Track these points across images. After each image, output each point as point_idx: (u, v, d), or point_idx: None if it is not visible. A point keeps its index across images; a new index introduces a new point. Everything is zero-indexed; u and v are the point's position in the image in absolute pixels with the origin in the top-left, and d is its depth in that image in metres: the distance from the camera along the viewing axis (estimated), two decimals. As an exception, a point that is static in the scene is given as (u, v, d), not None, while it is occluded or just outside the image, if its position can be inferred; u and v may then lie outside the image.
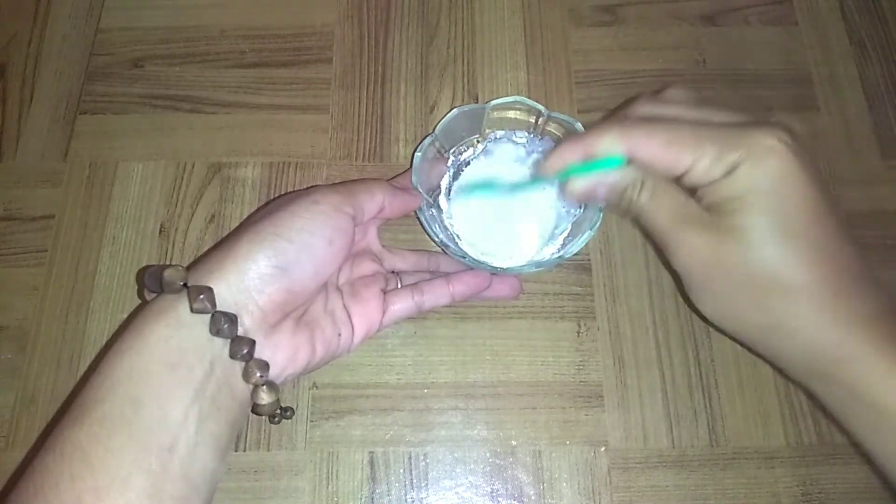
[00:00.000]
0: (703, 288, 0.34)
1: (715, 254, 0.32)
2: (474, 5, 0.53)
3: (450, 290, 0.40)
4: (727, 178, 0.31)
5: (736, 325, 0.34)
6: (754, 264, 0.31)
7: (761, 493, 0.40)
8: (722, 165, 0.31)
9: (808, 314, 0.31)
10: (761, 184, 0.30)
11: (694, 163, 0.31)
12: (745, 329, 0.34)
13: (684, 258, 0.33)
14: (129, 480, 0.27)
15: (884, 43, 0.52)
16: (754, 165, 0.30)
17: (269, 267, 0.32)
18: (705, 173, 0.31)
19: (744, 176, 0.30)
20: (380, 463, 0.41)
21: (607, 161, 0.34)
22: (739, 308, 0.33)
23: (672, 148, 0.32)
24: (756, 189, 0.30)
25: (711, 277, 0.33)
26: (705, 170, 0.31)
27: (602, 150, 0.34)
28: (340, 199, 0.36)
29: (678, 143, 0.32)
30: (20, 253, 0.45)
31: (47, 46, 0.51)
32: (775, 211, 0.30)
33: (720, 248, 0.31)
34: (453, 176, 0.45)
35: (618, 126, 0.33)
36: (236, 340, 0.31)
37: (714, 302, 0.34)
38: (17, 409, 0.41)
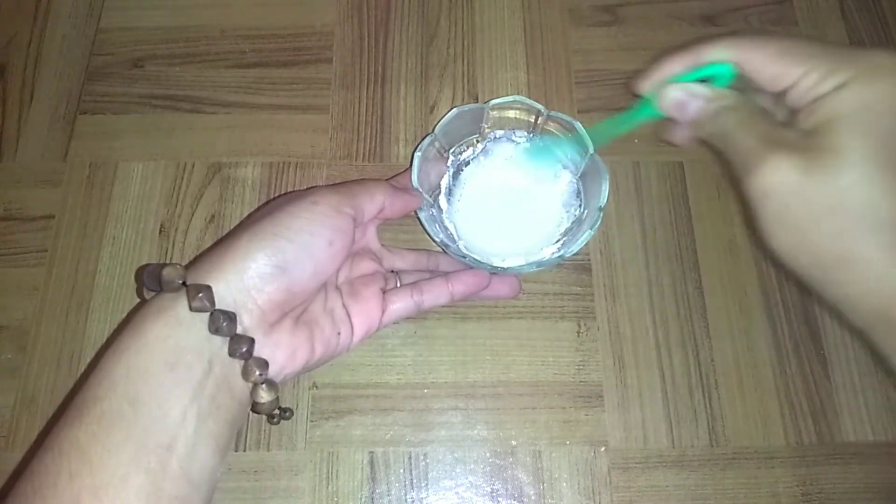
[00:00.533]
0: (780, 215, 0.30)
1: (805, 175, 0.29)
2: (474, 5, 0.53)
3: (449, 290, 0.40)
4: (835, 94, 0.29)
5: (808, 258, 0.30)
6: (848, 188, 0.28)
7: (761, 493, 0.40)
8: (832, 80, 0.29)
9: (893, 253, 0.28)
10: (872, 103, 0.28)
11: (804, 75, 0.30)
12: (818, 262, 0.30)
13: (768, 179, 0.29)
14: (127, 479, 0.27)
15: (884, 43, 0.52)
16: (867, 84, 0.28)
17: (268, 266, 0.32)
18: (813, 87, 0.30)
19: (854, 93, 0.29)
20: (380, 463, 0.41)
21: (715, 67, 0.32)
22: (817, 238, 0.30)
23: (783, 58, 0.31)
24: (865, 107, 0.28)
25: (794, 203, 0.29)
26: (814, 83, 0.30)
27: (712, 56, 0.32)
28: (340, 200, 0.36)
29: (790, 54, 0.31)
30: (20, 253, 0.45)
31: (47, 46, 0.51)
32: (882, 134, 0.28)
33: (812, 169, 0.29)
34: (453, 175, 0.45)
35: (729, 37, 0.32)
36: (235, 339, 0.31)
37: (789, 231, 0.30)
38: (17, 409, 0.41)
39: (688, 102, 0.33)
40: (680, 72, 0.34)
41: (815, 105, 0.30)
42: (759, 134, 0.31)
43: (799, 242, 0.30)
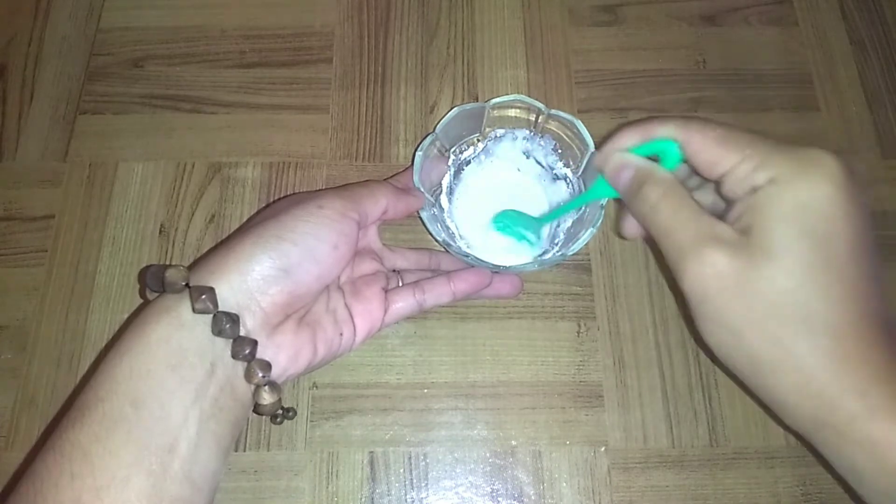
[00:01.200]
0: (716, 315, 0.30)
1: (740, 277, 0.28)
2: (474, 5, 0.53)
3: (451, 289, 0.40)
4: (769, 188, 0.28)
5: (744, 360, 0.30)
6: (783, 293, 0.28)
7: (761, 493, 0.40)
8: (767, 171, 0.29)
9: (831, 358, 0.28)
10: (805, 202, 0.28)
11: (739, 162, 0.30)
12: (754, 365, 0.30)
13: (702, 279, 0.29)
14: (129, 480, 0.27)
15: (884, 43, 0.52)
16: (805, 180, 0.28)
17: (272, 268, 0.32)
18: (747, 176, 0.29)
19: (788, 190, 0.28)
20: (380, 463, 0.41)
21: (662, 144, 0.33)
22: (754, 341, 0.29)
23: (722, 144, 0.30)
24: (799, 207, 0.28)
25: (729, 304, 0.29)
26: (748, 172, 0.29)
27: (659, 133, 0.33)
28: (345, 205, 0.36)
29: (729, 141, 0.30)
30: (20, 253, 0.45)
31: (47, 46, 0.51)
32: (816, 236, 0.28)
33: (748, 271, 0.28)
34: (454, 174, 0.45)
35: (680, 118, 0.33)
36: (238, 341, 0.31)
37: (725, 332, 0.30)
38: (17, 409, 0.41)
39: (622, 169, 0.34)
40: (631, 145, 0.34)
41: (749, 199, 0.29)
42: (692, 226, 0.30)
43: (735, 344, 0.30)
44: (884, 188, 0.48)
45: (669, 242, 0.31)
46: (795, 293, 0.28)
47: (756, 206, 0.29)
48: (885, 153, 0.49)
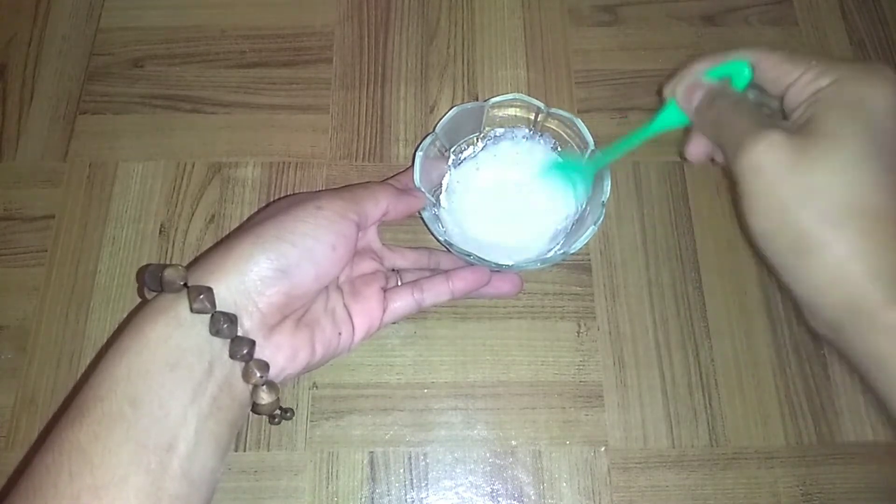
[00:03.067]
0: (767, 191, 0.30)
1: (796, 153, 0.29)
2: (474, 5, 0.53)
3: (449, 287, 0.40)
4: (830, 88, 0.31)
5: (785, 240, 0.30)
6: (836, 170, 0.29)
7: (761, 493, 0.40)
8: (828, 76, 0.31)
9: (872, 242, 0.28)
10: (863, 97, 0.30)
11: (803, 73, 0.32)
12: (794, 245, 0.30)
13: (760, 154, 0.30)
14: (127, 479, 0.27)
15: (884, 43, 0.52)
16: (859, 81, 0.30)
17: (269, 269, 0.32)
18: (811, 82, 0.32)
19: (847, 88, 0.30)
20: (380, 463, 0.41)
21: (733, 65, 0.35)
22: (802, 217, 0.29)
23: (787, 61, 0.33)
24: (857, 100, 0.30)
25: (782, 180, 0.30)
26: (811, 79, 0.32)
27: (732, 56, 0.35)
28: (345, 206, 0.36)
29: (793, 58, 0.33)
30: (20, 253, 0.45)
31: (47, 46, 0.51)
32: (872, 126, 0.29)
33: (804, 148, 0.29)
34: (454, 174, 0.45)
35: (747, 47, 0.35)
36: (236, 341, 0.31)
37: (772, 210, 0.30)
38: (17, 409, 0.41)
39: (694, 89, 0.36)
40: (703, 70, 0.36)
41: (814, 98, 0.31)
42: (754, 116, 0.32)
43: (780, 223, 0.31)
44: (884, 188, 0.48)
45: (733, 135, 0.32)
46: (848, 174, 0.29)
47: (818, 101, 0.31)
48: (885, 153, 0.49)
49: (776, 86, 0.34)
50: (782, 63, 0.33)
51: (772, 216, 0.31)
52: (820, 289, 0.30)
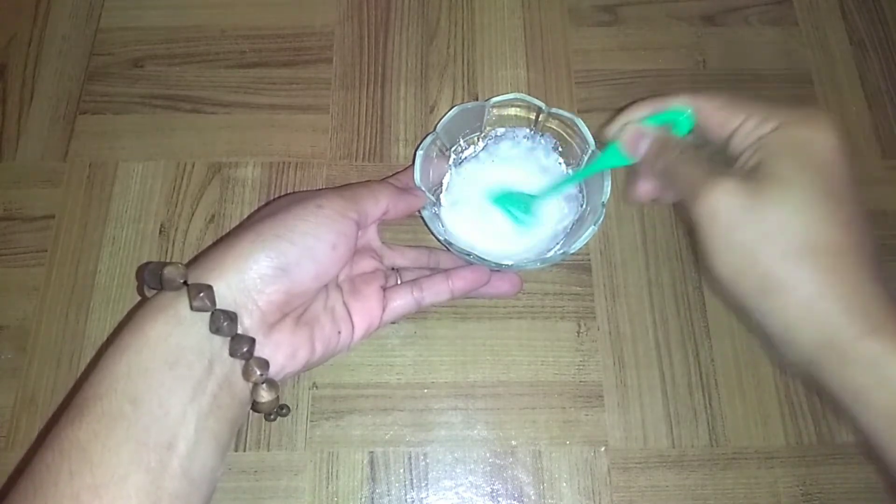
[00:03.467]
0: (726, 236, 0.31)
1: (750, 198, 0.31)
2: (474, 5, 0.53)
3: (449, 287, 0.40)
4: (776, 132, 0.32)
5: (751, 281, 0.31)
6: (791, 213, 0.30)
7: (761, 493, 0.40)
8: (770, 123, 0.32)
9: (835, 278, 0.30)
10: (806, 142, 0.31)
11: (745, 120, 0.33)
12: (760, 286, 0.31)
13: (715, 202, 0.31)
14: (127, 477, 0.27)
15: (884, 43, 0.52)
16: (806, 125, 0.32)
17: (269, 268, 0.32)
18: (753, 129, 0.33)
19: (790, 133, 0.32)
20: (380, 463, 0.41)
21: (674, 113, 0.36)
22: (760, 260, 0.31)
23: (728, 108, 0.34)
24: (800, 145, 0.31)
25: (739, 224, 0.31)
26: (754, 126, 0.33)
27: (672, 104, 0.36)
28: (345, 205, 0.36)
29: (737, 103, 0.34)
30: (20, 253, 0.45)
31: (47, 46, 0.51)
32: (821, 169, 0.31)
33: (757, 193, 0.31)
34: (455, 173, 0.45)
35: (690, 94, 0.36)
36: (236, 339, 0.31)
37: (734, 253, 0.31)
38: (17, 409, 0.41)
39: (640, 138, 0.37)
40: (644, 116, 0.38)
41: (757, 144, 0.33)
42: (704, 165, 0.34)
43: (743, 265, 0.32)
44: (884, 188, 0.48)
45: (687, 184, 0.34)
46: (802, 214, 0.30)
47: (763, 147, 0.32)
48: (885, 153, 0.49)
49: (719, 132, 0.35)
50: (723, 110, 0.35)
51: (734, 260, 0.32)
52: (791, 326, 0.31)
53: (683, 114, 0.36)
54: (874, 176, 0.48)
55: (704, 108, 0.36)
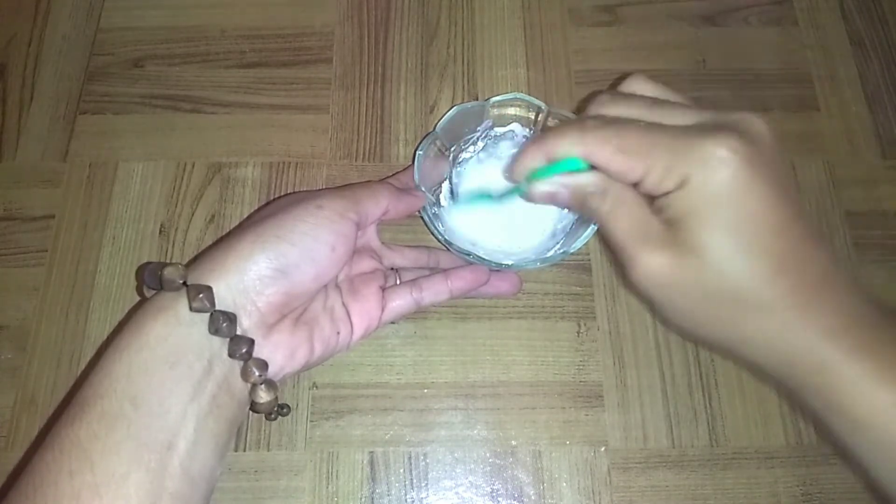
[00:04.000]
0: (664, 305, 0.32)
1: (673, 273, 0.30)
2: (474, 5, 0.53)
3: (448, 286, 0.40)
4: (680, 192, 0.29)
5: (704, 338, 0.32)
6: (715, 283, 0.29)
7: (761, 493, 0.40)
8: (673, 178, 0.29)
9: (776, 328, 0.29)
10: (714, 198, 0.28)
11: (646, 173, 0.30)
12: (714, 341, 0.32)
13: (642, 276, 0.31)
14: (127, 477, 0.27)
15: (884, 43, 0.52)
16: (705, 178, 0.28)
17: (269, 269, 0.32)
18: (657, 185, 0.30)
19: (695, 189, 0.28)
20: (380, 463, 0.41)
21: (569, 163, 0.32)
22: (705, 324, 0.31)
23: (623, 156, 0.30)
24: (709, 203, 0.28)
25: (671, 296, 0.31)
26: (657, 182, 0.29)
27: (561, 153, 0.32)
28: (345, 205, 0.36)
29: (629, 151, 0.30)
30: (20, 253, 0.45)
31: (47, 46, 0.51)
32: (732, 226, 0.29)
33: (679, 268, 0.30)
34: (455, 173, 0.45)
35: (576, 130, 0.31)
36: (235, 339, 0.31)
37: (677, 317, 0.32)
38: (17, 409, 0.41)
39: (556, 193, 0.34)
40: (538, 166, 0.33)
41: (666, 200, 0.30)
42: (627, 226, 0.31)
43: (691, 324, 0.32)
44: (884, 188, 0.48)
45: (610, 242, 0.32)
46: (728, 281, 0.29)
47: (671, 207, 0.30)
48: (885, 153, 0.49)
49: (622, 179, 0.31)
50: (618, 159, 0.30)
51: (682, 320, 0.32)
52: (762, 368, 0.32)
53: (577, 165, 0.32)
54: (874, 176, 0.48)
55: (598, 157, 0.31)
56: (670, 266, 0.30)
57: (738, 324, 0.30)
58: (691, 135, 0.29)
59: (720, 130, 0.28)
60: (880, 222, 0.47)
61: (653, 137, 0.30)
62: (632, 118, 0.31)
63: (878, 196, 0.47)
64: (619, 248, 0.32)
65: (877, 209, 0.47)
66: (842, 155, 0.49)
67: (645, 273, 0.31)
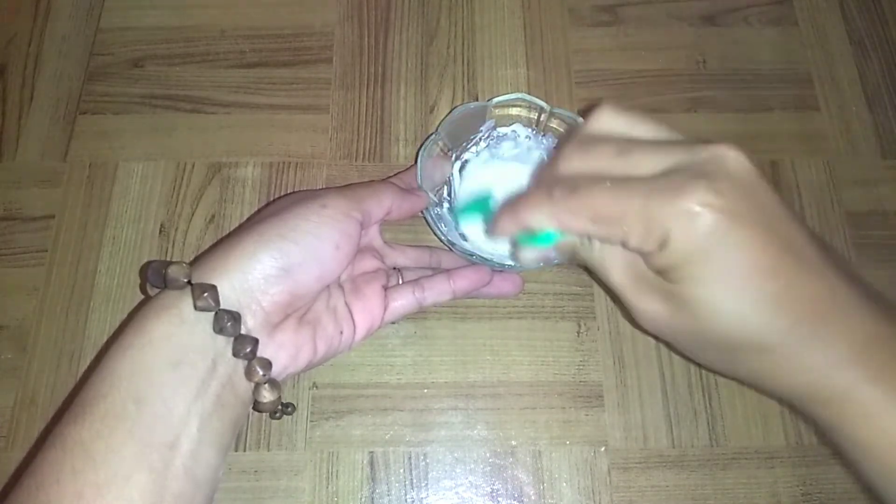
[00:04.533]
0: (670, 343, 0.33)
1: (672, 322, 0.30)
2: (474, 5, 0.53)
3: (450, 286, 0.40)
4: (662, 252, 0.28)
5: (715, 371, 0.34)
6: (715, 332, 0.29)
7: (761, 493, 0.40)
8: (653, 240, 0.28)
9: (781, 366, 0.29)
10: (697, 253, 0.27)
11: (625, 237, 0.29)
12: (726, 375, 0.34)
13: (643, 322, 0.31)
14: (130, 477, 0.27)
15: (884, 43, 0.52)
16: (684, 236, 0.27)
17: (273, 268, 0.32)
18: (639, 247, 0.29)
19: (677, 249, 0.28)
20: (380, 463, 0.41)
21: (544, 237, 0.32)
22: (714, 363, 0.32)
23: (598, 225, 0.29)
24: (693, 259, 0.28)
25: (675, 338, 0.31)
26: (638, 244, 0.29)
27: (536, 226, 0.31)
28: (349, 205, 0.36)
29: (602, 220, 0.29)
30: (20, 253, 0.45)
31: (47, 46, 0.51)
32: (720, 277, 0.28)
33: (676, 318, 0.30)
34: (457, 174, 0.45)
35: (545, 203, 0.30)
36: (239, 339, 0.31)
37: (686, 353, 0.33)
38: (17, 409, 0.41)
39: (546, 256, 0.34)
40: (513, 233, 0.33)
41: (651, 258, 0.29)
42: (622, 271, 0.31)
43: (701, 360, 0.33)
44: (884, 188, 0.48)
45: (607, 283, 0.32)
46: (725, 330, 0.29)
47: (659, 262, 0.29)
48: (885, 153, 0.49)
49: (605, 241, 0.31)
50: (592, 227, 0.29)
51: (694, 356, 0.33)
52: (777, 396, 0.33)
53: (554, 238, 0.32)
54: (874, 176, 0.48)
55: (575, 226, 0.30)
56: (668, 315, 0.30)
57: (744, 364, 0.30)
58: (661, 193, 0.28)
59: (691, 183, 0.27)
60: (880, 222, 0.47)
61: (623, 202, 0.28)
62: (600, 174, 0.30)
63: (878, 196, 0.47)
64: (618, 293, 0.32)
65: (877, 209, 0.47)
66: (842, 155, 0.49)
67: (644, 318, 0.31)
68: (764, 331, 0.28)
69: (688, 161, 0.28)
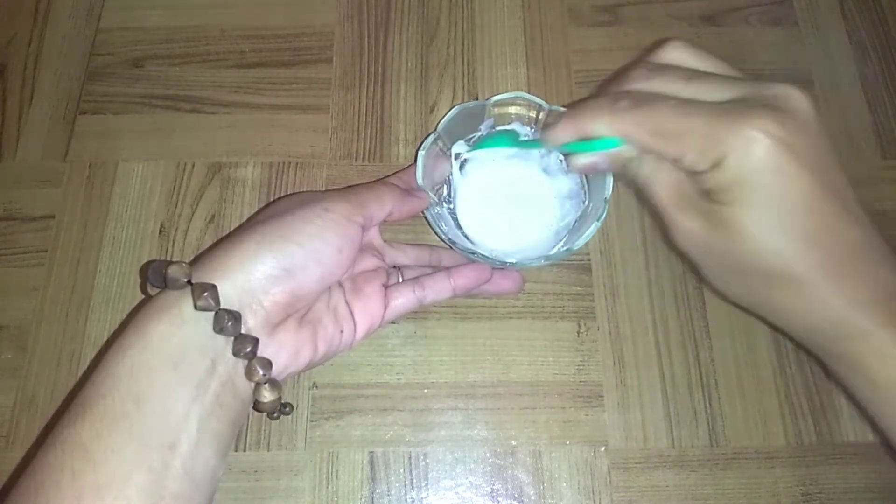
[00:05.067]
0: (700, 265, 0.34)
1: (709, 241, 0.32)
2: (474, 5, 0.53)
3: (450, 284, 0.40)
4: (714, 172, 0.30)
5: (736, 299, 0.35)
6: (745, 257, 0.31)
7: (761, 493, 0.40)
8: (707, 159, 0.30)
9: (805, 300, 0.31)
10: (747, 179, 0.29)
11: (681, 155, 0.31)
12: (746, 305, 0.35)
13: (680, 239, 0.33)
14: (130, 477, 0.27)
15: (884, 43, 0.52)
16: (738, 160, 0.29)
17: (275, 269, 0.32)
18: (693, 165, 0.31)
19: (730, 170, 0.29)
20: (380, 463, 0.41)
21: (604, 143, 0.33)
22: (737, 290, 0.34)
23: (657, 139, 0.31)
24: (742, 184, 0.29)
25: (706, 260, 0.33)
26: (692, 163, 0.30)
27: (595, 133, 0.33)
28: (351, 209, 0.36)
29: (662, 134, 0.31)
30: (20, 253, 0.45)
31: (47, 46, 0.51)
32: (763, 206, 0.30)
33: (713, 237, 0.31)
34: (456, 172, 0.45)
35: (608, 110, 0.32)
36: (239, 339, 0.31)
37: (712, 278, 0.34)
38: (17, 409, 0.41)
39: (595, 163, 0.35)
40: (569, 140, 0.35)
41: (702, 177, 0.31)
42: (667, 190, 0.33)
43: (725, 286, 0.34)
44: (884, 188, 0.48)
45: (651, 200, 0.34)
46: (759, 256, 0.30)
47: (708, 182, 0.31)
48: (885, 153, 0.49)
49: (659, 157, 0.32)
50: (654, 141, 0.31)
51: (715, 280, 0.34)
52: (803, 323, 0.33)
53: (614, 144, 0.33)
54: (874, 176, 0.48)
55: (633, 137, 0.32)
56: (705, 233, 0.31)
57: (768, 294, 0.32)
58: (726, 115, 0.29)
59: (755, 110, 0.29)
60: (880, 222, 0.46)
61: (687, 119, 0.30)
62: (667, 94, 0.32)
63: (878, 196, 0.47)
64: (658, 210, 0.33)
65: (877, 209, 0.47)
66: (842, 155, 0.48)
67: (682, 235, 0.32)
68: (794, 263, 0.30)
69: (755, 94, 0.30)
